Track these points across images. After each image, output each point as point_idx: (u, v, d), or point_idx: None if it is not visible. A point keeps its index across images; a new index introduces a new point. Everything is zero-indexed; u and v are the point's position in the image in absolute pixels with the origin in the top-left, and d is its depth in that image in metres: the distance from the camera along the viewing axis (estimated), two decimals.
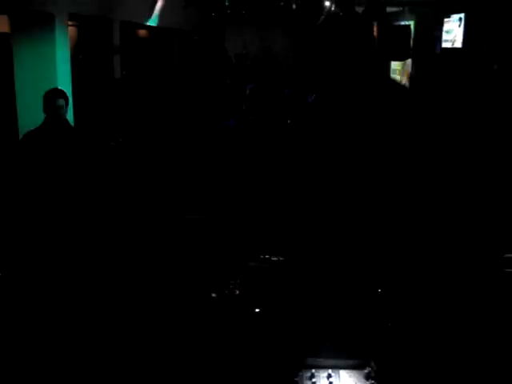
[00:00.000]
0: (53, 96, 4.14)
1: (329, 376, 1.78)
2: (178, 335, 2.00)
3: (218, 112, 6.26)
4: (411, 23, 11.81)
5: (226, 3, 10.77)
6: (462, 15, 9.45)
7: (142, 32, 9.72)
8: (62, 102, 4.14)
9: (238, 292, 2.23)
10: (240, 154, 4.34)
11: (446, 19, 10.20)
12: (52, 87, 4.52)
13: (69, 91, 5.39)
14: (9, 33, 5.64)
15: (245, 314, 2.10)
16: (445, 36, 10.26)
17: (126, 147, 5.37)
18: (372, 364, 1.80)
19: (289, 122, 6.86)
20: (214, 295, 2.22)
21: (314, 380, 1.77)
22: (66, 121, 4.28)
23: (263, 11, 12.48)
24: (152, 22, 8.81)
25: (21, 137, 4.43)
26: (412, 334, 1.99)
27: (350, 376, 1.80)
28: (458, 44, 9.58)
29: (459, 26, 9.59)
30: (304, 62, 10.63)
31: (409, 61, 11.82)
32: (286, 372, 1.80)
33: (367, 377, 1.77)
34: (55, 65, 5.58)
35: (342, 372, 1.81)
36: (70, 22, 5.99)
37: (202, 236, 2.80)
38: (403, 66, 12.56)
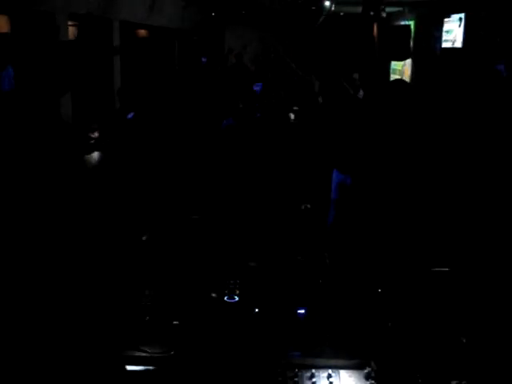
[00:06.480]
0: None
1: (329, 376, 1.78)
2: (176, 334, 2.00)
3: (217, 111, 6.26)
4: (411, 23, 11.83)
5: None
6: (462, 15, 9.45)
7: (142, 32, 9.73)
8: None
9: (238, 292, 2.23)
10: (243, 152, 4.34)
11: (446, 19, 10.20)
12: None
13: None
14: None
15: (245, 313, 2.10)
16: (445, 36, 10.26)
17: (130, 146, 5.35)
18: (372, 364, 1.80)
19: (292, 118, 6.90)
20: (213, 295, 2.22)
21: (314, 380, 1.76)
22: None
23: (263, 11, 12.49)
24: None
25: None
26: (412, 334, 1.99)
27: (349, 376, 1.80)
28: (458, 44, 9.58)
29: (459, 26, 9.59)
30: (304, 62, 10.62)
31: (409, 61, 11.83)
32: (284, 372, 1.80)
33: (367, 377, 1.77)
34: None
35: (342, 372, 1.81)
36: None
37: (202, 236, 2.80)
38: (403, 66, 12.59)
